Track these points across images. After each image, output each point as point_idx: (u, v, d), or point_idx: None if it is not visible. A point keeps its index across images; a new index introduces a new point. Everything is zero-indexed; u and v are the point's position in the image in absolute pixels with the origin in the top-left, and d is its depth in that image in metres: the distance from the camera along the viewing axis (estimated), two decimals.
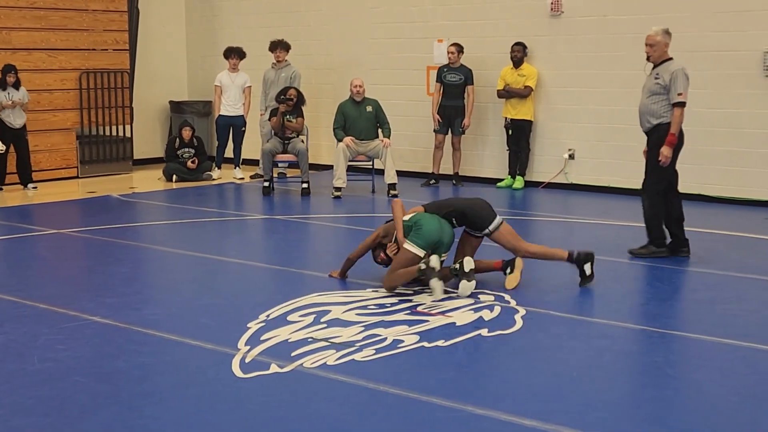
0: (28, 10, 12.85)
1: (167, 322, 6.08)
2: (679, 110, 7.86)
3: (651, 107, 7.99)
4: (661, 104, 7.92)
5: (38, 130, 12.86)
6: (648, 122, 8.05)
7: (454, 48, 12.16)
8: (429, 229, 6.73)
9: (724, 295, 6.87)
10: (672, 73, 7.83)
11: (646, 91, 8.06)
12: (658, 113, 7.94)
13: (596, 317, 6.20)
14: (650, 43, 8.00)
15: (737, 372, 5.16)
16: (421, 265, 6.54)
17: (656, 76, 7.96)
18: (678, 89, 7.81)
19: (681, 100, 7.84)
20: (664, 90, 7.88)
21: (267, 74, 13.04)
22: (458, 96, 12.24)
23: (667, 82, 7.84)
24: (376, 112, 11.78)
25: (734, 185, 10.85)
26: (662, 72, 7.94)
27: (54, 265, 8.16)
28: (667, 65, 7.96)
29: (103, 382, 4.96)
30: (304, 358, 5.32)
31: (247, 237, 9.65)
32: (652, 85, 7.97)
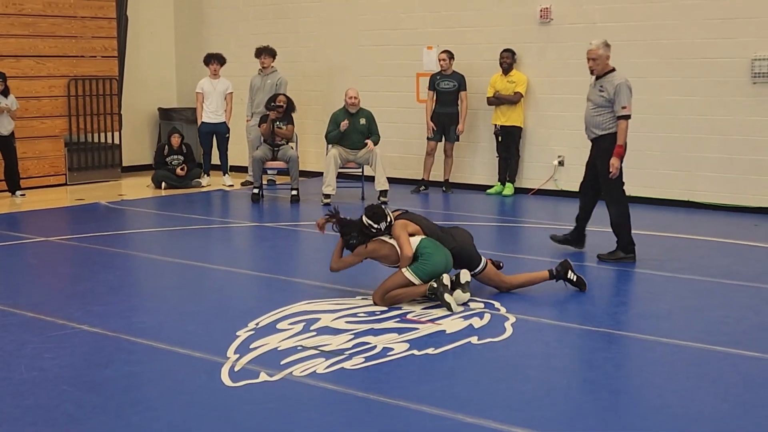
0: (16, 17, 12.81)
1: (156, 331, 6.04)
2: (625, 123, 8.03)
3: (596, 119, 8.14)
4: (606, 116, 8.08)
5: (26, 137, 12.81)
6: (593, 133, 8.22)
7: (446, 55, 12.16)
8: (436, 264, 6.63)
9: (713, 301, 6.88)
10: (616, 87, 7.98)
11: (590, 103, 8.21)
12: (602, 125, 8.11)
13: (586, 325, 6.19)
14: (592, 57, 8.13)
15: (727, 379, 5.16)
16: (433, 283, 6.51)
17: (600, 88, 8.09)
18: (622, 102, 7.96)
19: (626, 113, 8.00)
20: (609, 102, 8.03)
21: (253, 81, 13.02)
22: (452, 103, 12.25)
23: (612, 95, 7.98)
24: (369, 124, 11.75)
25: (723, 192, 10.88)
26: (606, 84, 8.07)
27: (41, 273, 8.12)
28: (611, 77, 8.10)
29: (91, 391, 4.93)
30: (293, 366, 5.30)
31: (236, 244, 9.63)
32: (597, 98, 8.11)
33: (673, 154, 11.17)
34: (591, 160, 8.43)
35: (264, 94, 12.71)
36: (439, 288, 6.48)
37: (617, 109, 8.01)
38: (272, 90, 12.67)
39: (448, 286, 6.51)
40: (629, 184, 11.33)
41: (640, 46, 11.19)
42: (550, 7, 11.81)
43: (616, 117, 8.03)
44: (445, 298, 6.45)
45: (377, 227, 6.76)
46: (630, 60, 11.27)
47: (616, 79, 8.06)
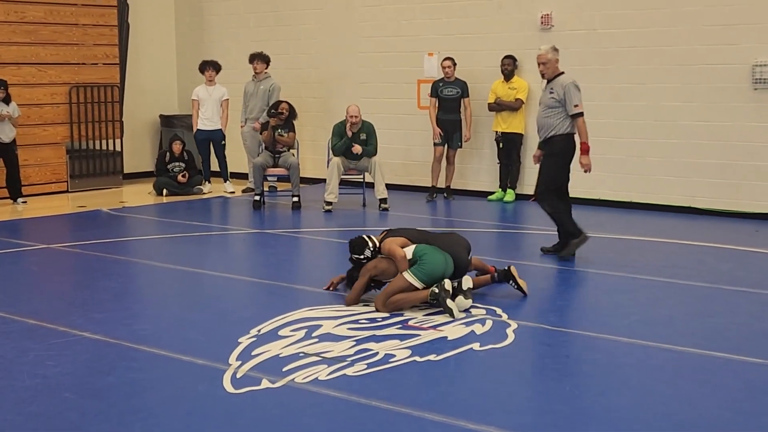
0: (17, 25, 12.84)
1: (157, 338, 6.05)
2: (582, 119, 8.36)
3: (547, 121, 8.43)
4: (556, 117, 8.36)
5: (28, 144, 12.82)
6: (544, 134, 8.49)
7: (450, 62, 12.15)
8: (435, 265, 6.65)
9: (714, 308, 6.88)
10: (564, 87, 8.29)
11: (541, 105, 8.51)
12: (553, 125, 8.39)
13: (587, 331, 6.19)
14: (543, 62, 8.44)
15: (728, 386, 5.16)
16: (435, 289, 6.52)
17: (551, 91, 8.40)
18: (573, 102, 8.28)
19: (578, 111, 8.33)
20: (559, 104, 8.33)
21: (247, 87, 13.06)
22: (455, 110, 12.24)
23: (562, 96, 8.29)
24: (368, 138, 11.74)
25: (723, 198, 10.89)
26: (556, 87, 8.38)
27: (43, 280, 8.12)
28: (560, 80, 8.39)
29: (93, 399, 4.93)
30: (295, 373, 5.30)
31: (237, 251, 9.63)
32: (548, 100, 8.41)
33: (673, 160, 11.18)
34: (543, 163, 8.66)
35: (257, 100, 12.75)
36: (440, 294, 6.49)
37: (570, 109, 8.31)
38: (265, 96, 12.72)
39: (450, 291, 6.51)
40: (630, 190, 11.45)
41: (640, 52, 11.21)
42: (551, 13, 11.83)
43: (571, 116, 8.33)
44: (447, 304, 6.46)
45: (364, 256, 6.87)
46: (631, 66, 11.31)
47: (565, 80, 8.37)
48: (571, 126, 8.41)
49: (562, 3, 11.75)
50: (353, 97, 13.23)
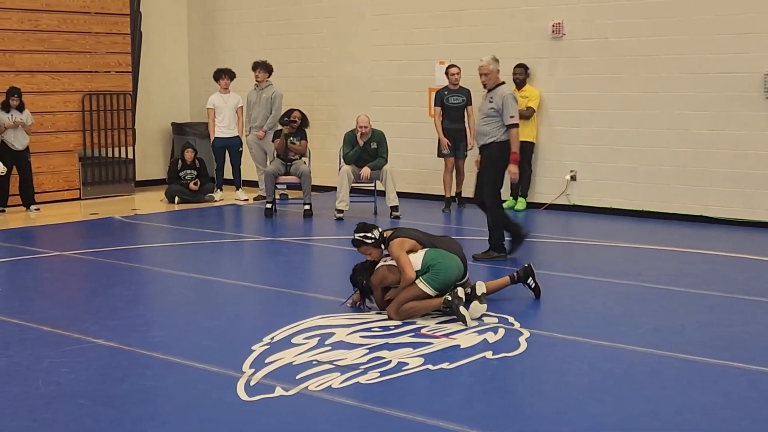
0: (31, 33, 12.92)
1: (171, 345, 6.07)
2: (515, 130, 8.76)
3: (485, 128, 8.78)
4: (494, 125, 8.71)
5: (41, 151, 12.89)
6: (482, 141, 8.83)
7: (457, 69, 12.16)
8: (448, 273, 6.66)
9: (728, 317, 6.86)
10: (503, 98, 8.64)
11: (480, 113, 8.85)
12: (490, 133, 8.74)
13: (601, 339, 6.18)
14: (484, 72, 8.74)
15: (744, 396, 5.14)
16: (448, 296, 6.52)
17: (490, 100, 8.73)
18: (510, 112, 8.64)
19: (514, 122, 8.71)
20: (497, 113, 8.67)
21: (249, 96, 13.14)
22: (460, 118, 12.23)
23: (500, 106, 8.64)
24: (379, 145, 11.75)
25: (736, 207, 10.86)
26: (495, 96, 8.71)
27: (57, 288, 8.16)
28: (500, 90, 8.74)
29: (108, 406, 4.95)
30: (308, 381, 5.30)
31: (250, 259, 9.65)
32: (487, 109, 8.74)
33: (685, 169, 11.16)
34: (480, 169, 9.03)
35: (260, 108, 12.82)
36: (453, 301, 6.49)
37: (506, 119, 8.66)
38: (267, 104, 12.79)
39: (462, 299, 6.52)
40: (643, 199, 11.43)
41: (652, 61, 11.21)
42: (563, 22, 11.84)
43: (506, 126, 8.68)
44: (461, 312, 6.45)
45: (371, 236, 6.84)
46: (642, 75, 11.31)
47: (504, 91, 8.72)
48: (507, 134, 8.74)
49: (574, 12, 11.76)
50: (364, 105, 13.26)
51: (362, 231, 6.90)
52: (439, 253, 6.78)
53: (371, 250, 6.88)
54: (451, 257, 6.79)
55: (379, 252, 6.88)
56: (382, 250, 6.88)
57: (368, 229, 6.90)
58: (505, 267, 8.38)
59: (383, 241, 6.86)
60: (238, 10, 15.07)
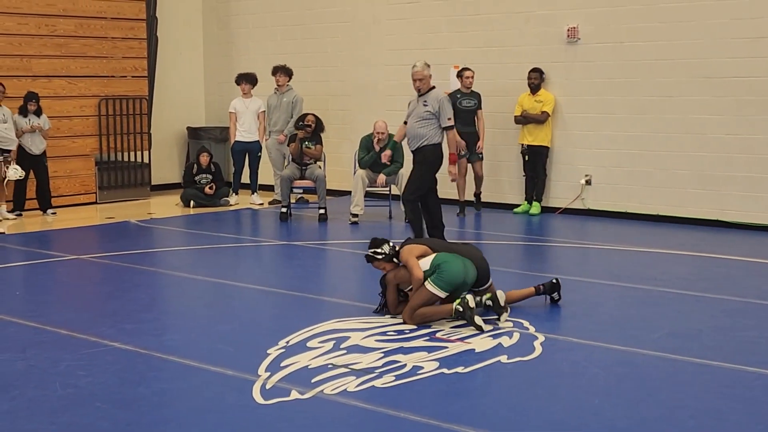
0: (48, 38, 13.01)
1: (187, 348, 6.10)
2: (453, 132, 9.16)
3: (420, 131, 9.08)
4: (429, 128, 9.04)
5: (57, 156, 12.97)
6: (417, 143, 9.10)
7: (471, 72, 12.17)
8: (453, 272, 6.64)
9: (744, 322, 6.84)
10: (439, 102, 9.00)
11: (415, 117, 9.12)
12: (425, 135, 9.06)
13: (616, 344, 6.18)
14: (419, 78, 9.06)
15: (760, 400, 5.13)
16: (458, 307, 6.50)
17: (425, 104, 9.05)
18: (447, 115, 9.03)
19: (451, 124, 9.09)
20: (433, 116, 9.02)
21: (270, 100, 13.17)
22: (472, 122, 12.25)
23: (437, 109, 8.99)
24: (395, 150, 11.74)
25: (752, 211, 10.82)
26: (430, 100, 9.05)
27: (73, 291, 8.21)
28: (433, 93, 9.08)
29: (124, 409, 4.98)
30: (324, 384, 5.32)
31: (264, 263, 9.68)
32: (422, 112, 9.04)
33: (702, 173, 11.13)
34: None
35: (281, 113, 12.85)
36: (465, 312, 6.48)
37: (444, 122, 9.03)
38: (288, 108, 12.81)
39: (473, 308, 6.49)
40: (658, 203, 11.40)
41: (668, 65, 11.19)
42: (578, 26, 11.83)
43: (443, 128, 9.04)
44: (476, 321, 6.43)
45: (382, 251, 6.85)
46: (658, 79, 11.29)
47: (438, 95, 9.07)
48: (440, 137, 9.08)
49: (589, 16, 11.76)
50: (379, 109, 13.29)
51: (373, 247, 6.93)
52: (449, 255, 6.79)
53: (384, 264, 6.88)
54: (461, 258, 6.78)
55: (392, 265, 6.87)
56: (396, 263, 6.87)
57: (378, 244, 6.91)
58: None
59: (395, 254, 6.87)
60: (253, 15, 15.13)
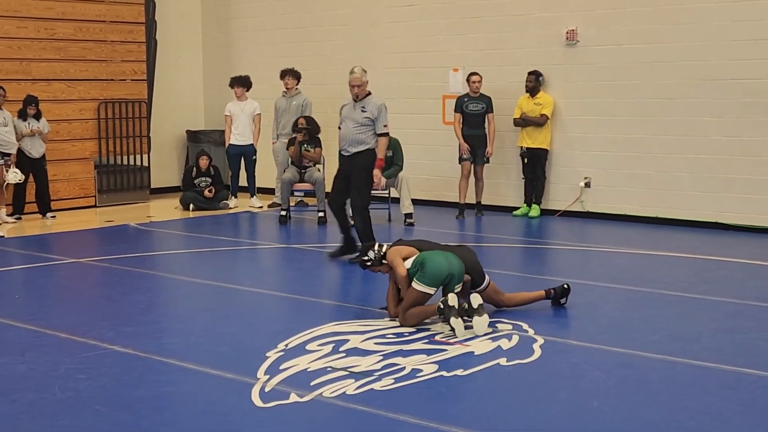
0: (48, 42, 13.01)
1: (186, 351, 6.09)
2: (385, 139, 9.17)
3: (358, 136, 9.09)
4: (367, 133, 9.08)
5: (57, 159, 12.97)
6: (354, 148, 9.11)
7: (478, 77, 12.12)
8: (435, 266, 6.59)
9: (744, 323, 6.83)
10: (378, 108, 9.04)
11: (352, 122, 9.12)
12: (365, 141, 9.09)
13: (616, 346, 6.17)
14: (357, 84, 9.06)
15: (760, 402, 5.12)
16: (439, 304, 6.49)
17: (363, 109, 9.08)
18: (384, 122, 9.09)
19: (386, 131, 9.16)
20: (371, 121, 9.05)
21: (278, 102, 13.15)
22: (480, 125, 12.22)
23: (375, 115, 9.03)
24: (394, 152, 11.78)
25: (752, 213, 10.81)
26: (368, 106, 9.08)
27: (73, 294, 8.20)
28: (371, 99, 9.13)
29: (124, 412, 4.97)
30: (323, 387, 5.32)
31: (264, 266, 9.68)
32: (361, 118, 9.07)
33: (702, 176, 11.13)
34: (342, 175, 9.26)
35: (289, 116, 12.82)
36: (445, 310, 6.43)
37: (380, 128, 9.07)
38: (298, 111, 12.80)
39: (454, 307, 6.40)
40: (658, 206, 11.40)
41: (667, 67, 11.19)
42: (577, 29, 11.84)
43: (378, 134, 9.07)
44: (452, 323, 6.36)
45: (367, 257, 6.93)
46: (657, 81, 11.29)
47: (377, 101, 9.12)
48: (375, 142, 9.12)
49: (588, 18, 11.76)
50: None
51: (362, 254, 7.03)
52: (430, 252, 6.77)
53: (377, 268, 6.95)
54: (442, 254, 6.73)
55: (385, 267, 6.91)
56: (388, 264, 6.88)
57: (365, 251, 7.00)
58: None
59: (383, 256, 6.88)
60: (253, 18, 15.14)
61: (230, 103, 13.49)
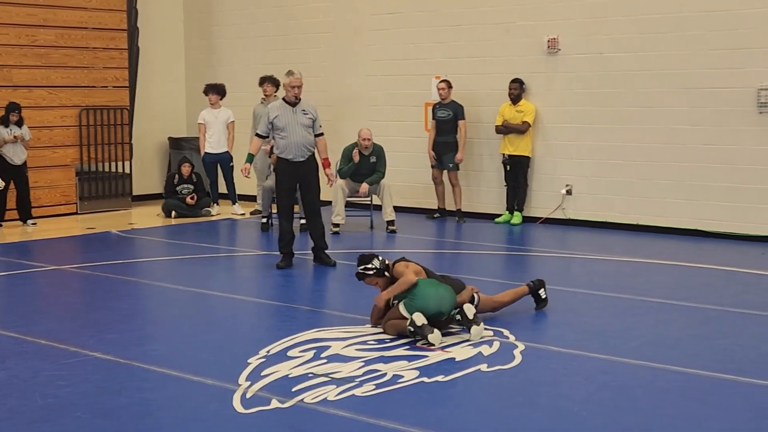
0: (29, 48, 12.98)
1: (168, 358, 6.09)
2: (324, 138, 9.41)
3: (309, 138, 9.24)
4: (312, 136, 9.27)
5: (38, 166, 12.93)
6: (308, 152, 9.24)
7: (445, 84, 12.28)
8: (425, 299, 6.54)
9: (722, 330, 6.90)
10: (315, 109, 9.31)
11: (299, 127, 9.16)
12: (312, 143, 9.27)
13: (595, 352, 6.21)
14: (298, 85, 9.16)
15: (736, 407, 5.18)
16: (410, 327, 6.43)
17: (304, 112, 9.21)
18: (320, 122, 9.34)
19: (323, 130, 9.37)
20: (313, 123, 9.27)
21: (256, 109, 13.10)
22: (448, 132, 12.33)
23: (315, 116, 9.28)
24: (378, 159, 11.81)
25: (731, 221, 10.91)
26: (308, 108, 9.26)
27: (54, 301, 8.18)
28: (308, 101, 9.35)
29: (105, 418, 4.97)
30: (304, 393, 5.34)
31: (246, 273, 9.67)
32: (306, 120, 9.19)
33: (681, 183, 11.22)
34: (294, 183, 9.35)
35: None
36: (417, 331, 6.37)
37: (317, 129, 9.27)
38: None
39: (424, 325, 6.34)
40: (639, 213, 11.48)
41: (647, 76, 11.28)
42: (558, 37, 11.91)
43: (318, 135, 9.28)
44: (429, 339, 6.31)
45: (372, 266, 6.81)
46: (638, 90, 11.38)
47: (311, 102, 9.38)
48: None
49: (569, 27, 11.84)
50: (361, 119, 13.32)
51: (362, 264, 6.86)
52: (425, 281, 6.70)
53: (376, 279, 6.84)
54: (437, 287, 6.66)
55: (384, 280, 6.81)
56: (388, 277, 6.81)
57: (367, 260, 6.86)
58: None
59: (386, 269, 6.81)
60: (235, 25, 15.15)
61: (204, 111, 13.48)
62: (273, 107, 9.33)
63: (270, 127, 9.21)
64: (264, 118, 9.34)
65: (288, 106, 9.19)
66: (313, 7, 14.25)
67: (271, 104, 9.73)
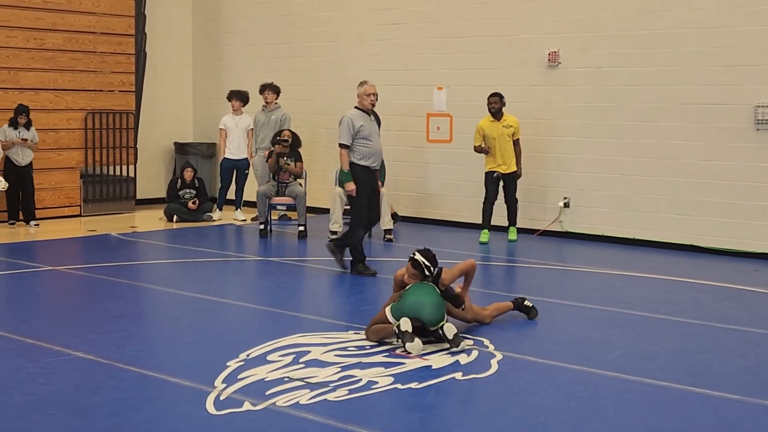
0: (36, 51, 13.14)
1: (148, 359, 6.19)
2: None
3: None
4: None
5: (43, 168, 13.08)
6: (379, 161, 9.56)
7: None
8: (409, 305, 6.60)
9: (701, 344, 6.94)
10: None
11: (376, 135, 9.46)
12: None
13: (571, 363, 6.26)
14: (374, 93, 9.40)
15: (702, 421, 5.22)
16: (395, 329, 6.51)
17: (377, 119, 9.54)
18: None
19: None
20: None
21: (257, 117, 13.26)
22: None
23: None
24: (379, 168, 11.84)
25: (726, 237, 10.92)
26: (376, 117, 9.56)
27: (45, 301, 8.29)
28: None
29: (78, 416, 5.06)
30: (277, 396, 5.41)
31: (239, 278, 9.77)
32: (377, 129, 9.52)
33: (677, 198, 11.24)
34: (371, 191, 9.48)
35: (268, 130, 12.94)
36: (399, 336, 6.45)
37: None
38: (277, 126, 12.92)
39: (406, 332, 6.40)
40: (635, 227, 11.50)
41: (645, 91, 11.32)
42: (558, 51, 11.97)
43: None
44: (408, 347, 6.36)
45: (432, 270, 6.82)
46: (635, 104, 11.42)
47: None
48: None
49: (569, 41, 11.90)
50: None
51: (428, 259, 6.82)
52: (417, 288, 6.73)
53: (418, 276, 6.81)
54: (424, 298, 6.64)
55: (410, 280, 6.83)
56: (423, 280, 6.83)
57: (434, 261, 6.84)
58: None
59: (435, 279, 6.81)
60: (242, 33, 15.29)
61: (226, 117, 13.61)
62: (354, 116, 9.27)
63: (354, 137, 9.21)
64: (346, 128, 9.23)
65: (365, 114, 9.29)
66: (318, 17, 14.37)
67: (348, 114, 9.40)
